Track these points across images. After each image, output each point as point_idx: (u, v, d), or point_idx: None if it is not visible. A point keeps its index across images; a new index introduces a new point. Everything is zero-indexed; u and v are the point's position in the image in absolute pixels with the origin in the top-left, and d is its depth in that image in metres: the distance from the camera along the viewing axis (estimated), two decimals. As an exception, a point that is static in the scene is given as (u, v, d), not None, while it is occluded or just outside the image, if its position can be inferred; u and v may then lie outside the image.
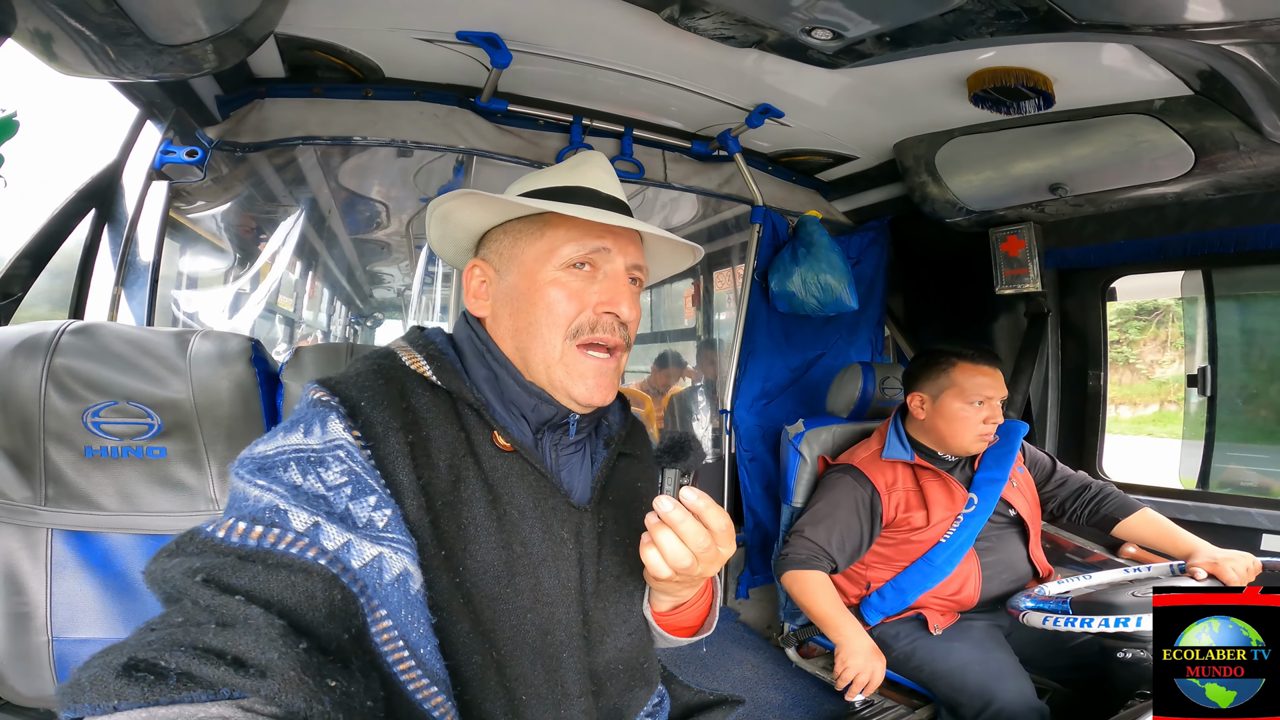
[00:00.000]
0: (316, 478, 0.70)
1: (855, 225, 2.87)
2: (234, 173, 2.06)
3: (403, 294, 3.65)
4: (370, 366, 0.82)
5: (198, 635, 0.53)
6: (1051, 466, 2.08)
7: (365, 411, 0.76)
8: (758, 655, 2.26)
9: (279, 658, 0.52)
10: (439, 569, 0.76)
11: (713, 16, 1.40)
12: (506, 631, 0.79)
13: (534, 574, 0.82)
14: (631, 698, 0.93)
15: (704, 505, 0.75)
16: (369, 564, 0.68)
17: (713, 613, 1.03)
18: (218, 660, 0.51)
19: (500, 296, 0.90)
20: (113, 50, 1.13)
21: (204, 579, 0.58)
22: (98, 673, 0.48)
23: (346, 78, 1.93)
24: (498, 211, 0.91)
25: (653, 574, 0.78)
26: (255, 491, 0.68)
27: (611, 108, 2.20)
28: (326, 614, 0.62)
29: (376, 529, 0.70)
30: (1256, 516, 2.00)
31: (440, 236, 0.97)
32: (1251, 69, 1.26)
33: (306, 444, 0.72)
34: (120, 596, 1.23)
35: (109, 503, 1.23)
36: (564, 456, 0.92)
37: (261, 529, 0.64)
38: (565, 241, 0.87)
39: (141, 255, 1.71)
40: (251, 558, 0.61)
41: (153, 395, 1.22)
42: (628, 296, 0.89)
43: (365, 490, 0.72)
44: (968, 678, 1.62)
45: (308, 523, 0.66)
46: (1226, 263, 2.26)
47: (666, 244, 0.98)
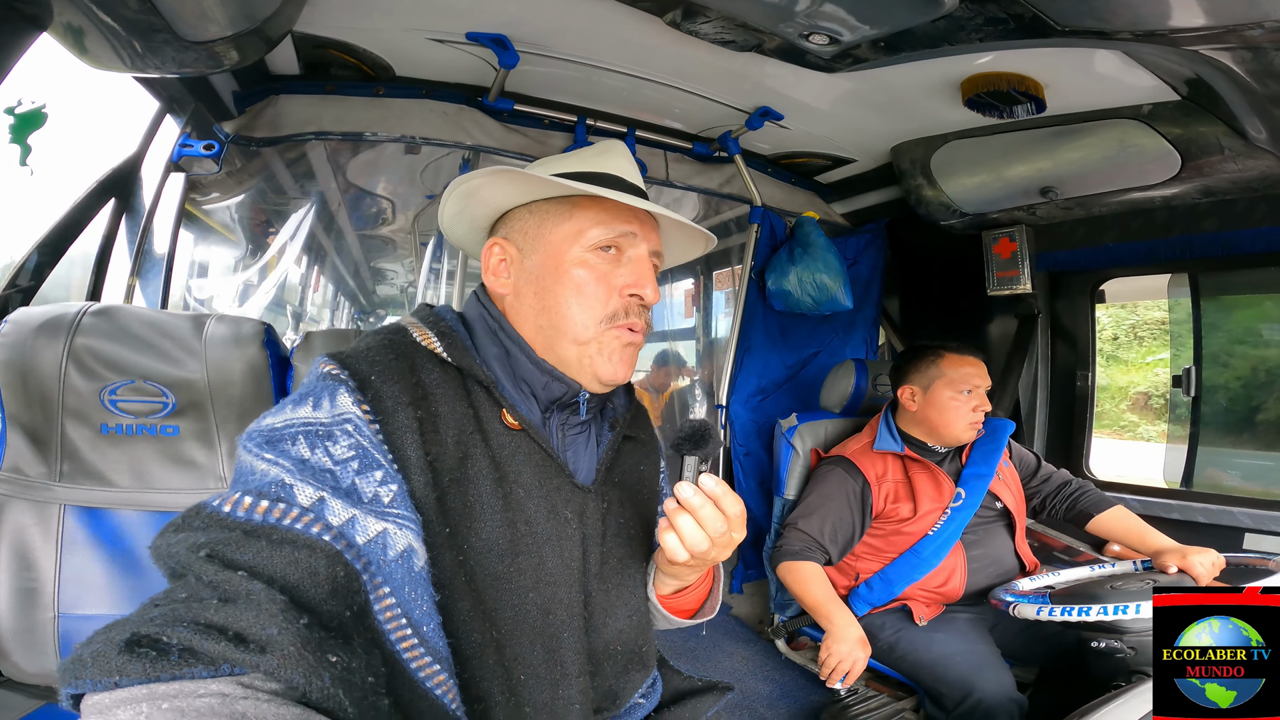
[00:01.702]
0: (324, 451, 0.69)
1: (853, 227, 2.92)
2: (247, 166, 2.11)
3: (405, 290, 3.69)
4: (381, 341, 0.82)
5: (200, 611, 0.52)
6: (1036, 464, 2.13)
7: (375, 385, 0.76)
8: (748, 648, 2.30)
9: (279, 633, 0.52)
10: (443, 546, 0.76)
11: (714, 21, 1.44)
12: (507, 611, 0.79)
13: (538, 553, 0.82)
14: (627, 680, 0.94)
15: (721, 492, 0.77)
16: (373, 540, 0.67)
17: (715, 595, 1.05)
18: (219, 636, 0.51)
19: (524, 275, 0.90)
20: (141, 45, 1.17)
21: (208, 554, 0.58)
22: (100, 648, 0.48)
23: (359, 76, 1.98)
24: (529, 190, 0.90)
25: (670, 557, 0.78)
26: (262, 465, 0.68)
27: (615, 109, 2.25)
28: (329, 590, 0.61)
29: (382, 504, 0.70)
30: (1239, 515, 2.03)
31: (457, 214, 0.96)
32: (1232, 74, 1.30)
33: (315, 417, 0.72)
34: (128, 573, 1.27)
35: (121, 479, 1.27)
36: (570, 437, 0.92)
37: (267, 504, 0.63)
38: (594, 224, 0.88)
39: (157, 245, 1.76)
40: (256, 533, 0.61)
41: (169, 375, 1.27)
42: (651, 280, 0.91)
43: (372, 465, 0.71)
44: (950, 669, 1.66)
45: (313, 498, 0.66)
46: (1213, 266, 2.31)
47: (680, 233, 1.01)
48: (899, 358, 2.10)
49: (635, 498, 0.98)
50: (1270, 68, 1.22)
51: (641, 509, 1.00)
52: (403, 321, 0.88)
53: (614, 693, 0.92)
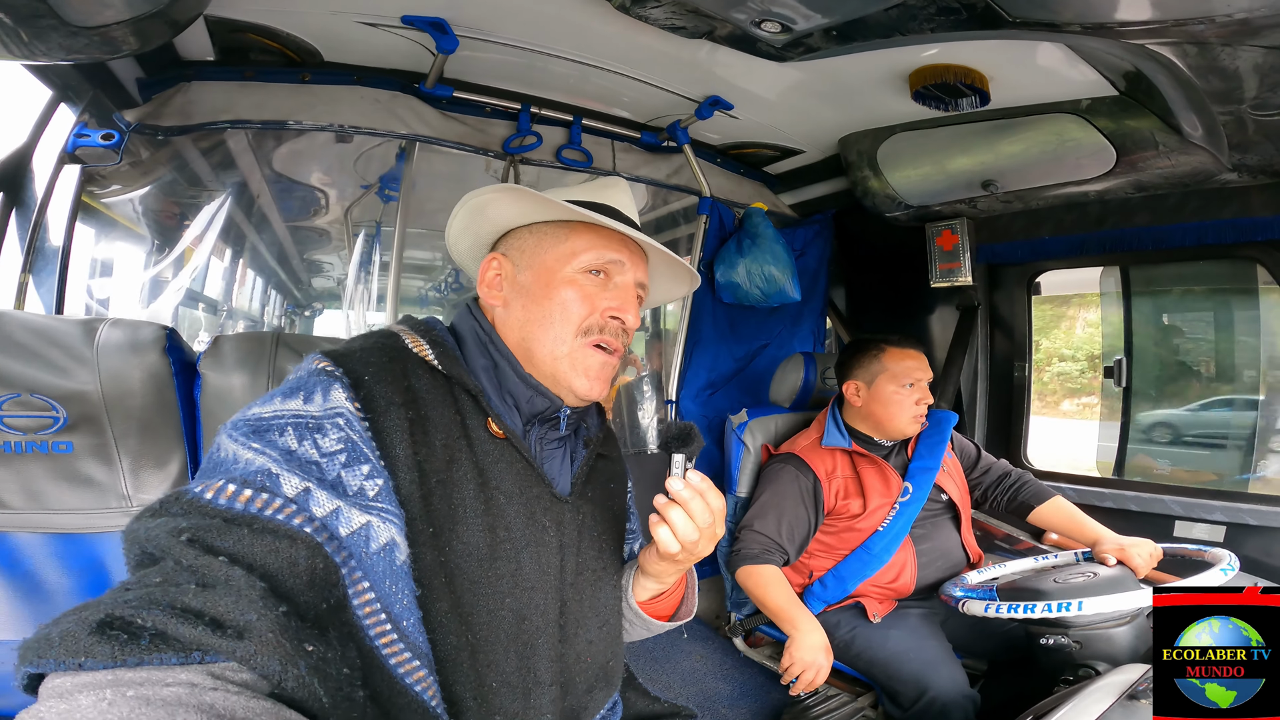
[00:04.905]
0: (312, 443, 0.70)
1: (800, 218, 2.92)
2: (154, 156, 1.94)
3: (342, 282, 3.52)
4: (374, 344, 0.85)
5: (176, 595, 0.52)
6: (977, 455, 2.17)
7: (369, 385, 0.78)
8: (706, 646, 2.28)
9: (258, 619, 0.52)
10: (425, 545, 0.77)
11: (664, 6, 1.38)
12: (483, 615, 0.81)
13: (515, 558, 0.85)
14: (591, 699, 0.96)
15: (706, 487, 0.85)
16: (356, 532, 0.69)
17: (690, 598, 1.10)
18: (195, 620, 0.50)
19: (515, 289, 0.95)
20: (25, 32, 1.06)
21: (189, 539, 0.58)
22: (70, 628, 0.47)
23: (282, 61, 1.84)
24: (533, 210, 0.95)
25: (663, 550, 0.85)
26: (248, 454, 0.68)
27: (561, 96, 2.17)
28: (307, 581, 0.62)
29: (367, 497, 0.71)
30: (1170, 504, 2.11)
31: (463, 229, 1.01)
32: (1174, 69, 1.32)
33: (306, 410, 0.73)
34: (30, 598, 1.17)
35: (13, 500, 1.16)
36: (548, 450, 0.95)
37: (251, 492, 0.64)
38: (587, 248, 0.93)
39: (51, 241, 1.60)
40: (238, 521, 0.61)
41: (57, 387, 1.15)
42: (634, 307, 0.97)
43: (359, 459, 0.73)
44: (904, 666, 1.67)
45: (298, 488, 0.67)
46: (1144, 260, 2.39)
47: (667, 272, 1.07)
48: (842, 352, 2.11)
49: (607, 512, 1.03)
50: (1214, 63, 1.24)
51: (613, 523, 1.04)
52: (393, 328, 0.92)
53: (575, 712, 0.93)
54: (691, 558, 0.90)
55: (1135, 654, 1.39)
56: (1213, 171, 1.83)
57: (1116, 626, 1.40)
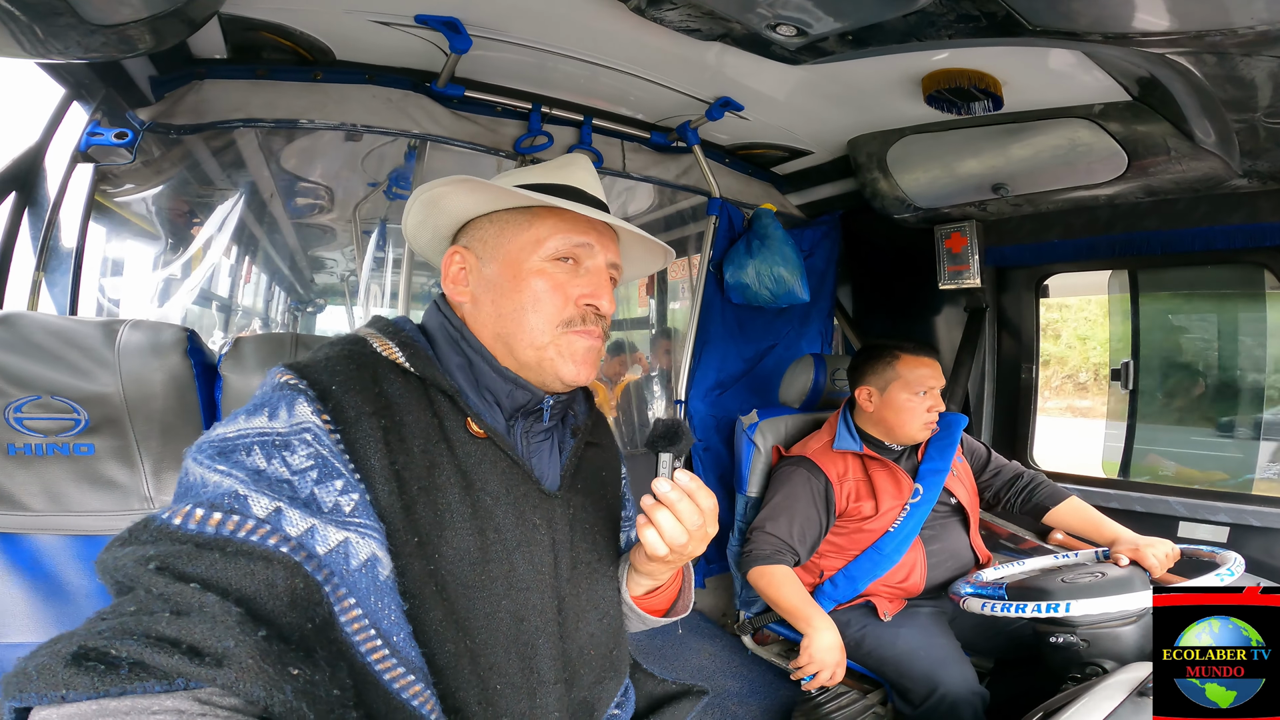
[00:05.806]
0: (281, 461, 0.68)
1: (808, 219, 2.92)
2: (167, 155, 1.94)
3: (347, 279, 3.52)
4: (341, 351, 0.81)
5: (151, 624, 0.51)
6: (987, 456, 2.18)
7: (336, 395, 0.75)
8: (714, 644, 2.29)
9: (235, 645, 0.51)
10: (412, 555, 0.75)
11: (680, 8, 1.38)
12: (480, 620, 0.79)
13: (508, 560, 0.82)
14: (601, 690, 0.94)
15: (695, 487, 0.81)
16: (334, 549, 0.66)
17: (686, 593, 1.08)
18: (172, 649, 0.49)
19: (482, 283, 0.91)
20: (41, 30, 1.05)
21: (157, 567, 0.56)
22: (46, 661, 0.46)
23: (295, 59, 1.84)
24: (490, 200, 0.91)
25: (650, 553, 0.82)
26: (215, 477, 0.65)
27: (572, 96, 2.17)
28: (288, 602, 0.60)
29: (343, 514, 0.69)
30: (1174, 504, 2.12)
31: (420, 223, 0.96)
32: (1190, 77, 1.33)
33: (271, 427, 0.70)
34: (51, 599, 1.17)
35: (35, 503, 1.16)
36: (534, 444, 0.93)
37: (220, 515, 0.61)
38: (552, 234, 0.89)
39: (64, 240, 1.60)
40: (209, 545, 0.59)
41: (79, 389, 1.14)
42: (607, 291, 0.91)
43: (332, 474, 0.70)
44: (914, 664, 1.68)
45: (269, 508, 0.64)
46: (1152, 264, 2.40)
47: (639, 246, 1.01)
48: (855, 357, 2.11)
49: (599, 503, 1.00)
50: (1231, 72, 1.24)
51: (606, 513, 1.02)
52: (360, 332, 0.88)
53: (589, 705, 0.92)
54: (682, 558, 0.87)
55: (1142, 652, 1.40)
56: (1223, 177, 1.83)
57: (1123, 625, 1.41)
